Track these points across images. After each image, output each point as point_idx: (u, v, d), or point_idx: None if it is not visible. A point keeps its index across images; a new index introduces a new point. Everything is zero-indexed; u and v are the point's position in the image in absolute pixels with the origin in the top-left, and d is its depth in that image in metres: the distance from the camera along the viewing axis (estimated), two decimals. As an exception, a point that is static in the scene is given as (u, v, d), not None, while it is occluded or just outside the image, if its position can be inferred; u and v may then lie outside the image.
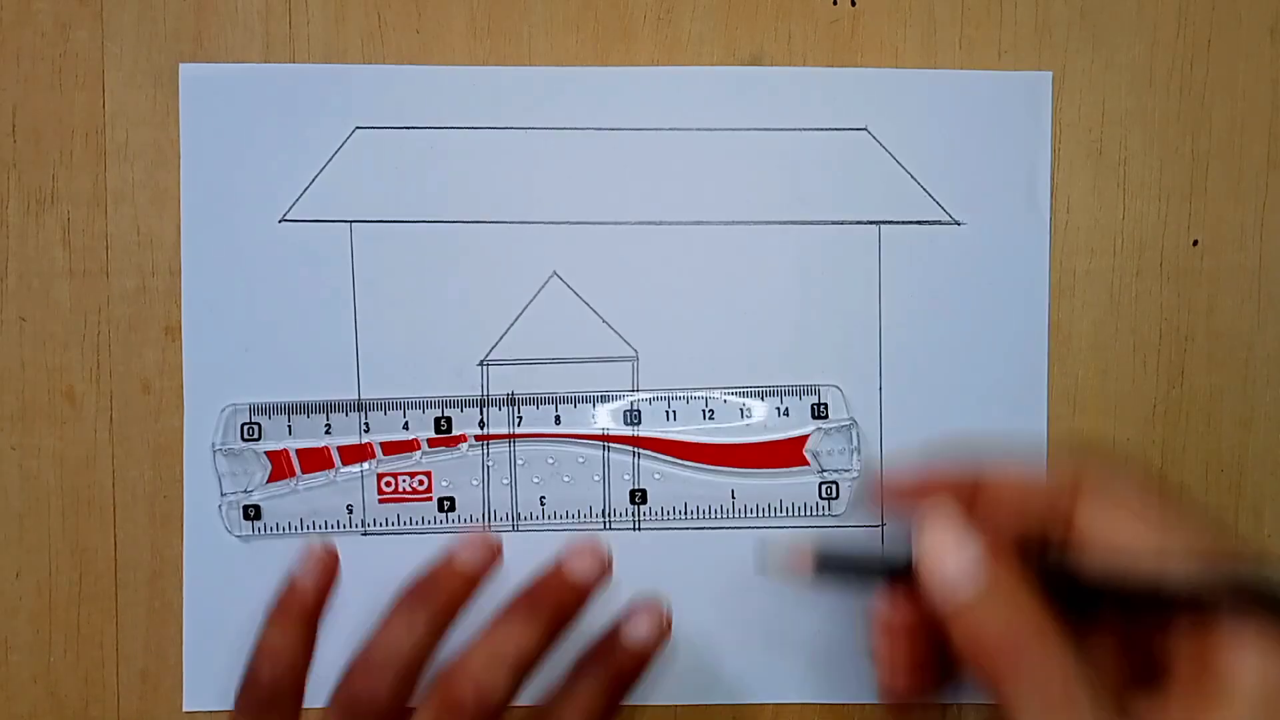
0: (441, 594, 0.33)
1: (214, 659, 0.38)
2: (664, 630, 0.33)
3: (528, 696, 0.32)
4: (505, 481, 0.39)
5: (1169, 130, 0.39)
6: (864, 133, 0.39)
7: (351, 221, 0.38)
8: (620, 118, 0.39)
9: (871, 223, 0.39)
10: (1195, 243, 0.39)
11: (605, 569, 0.33)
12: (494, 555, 0.34)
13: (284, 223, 0.38)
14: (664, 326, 0.39)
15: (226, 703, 0.38)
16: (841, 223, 0.39)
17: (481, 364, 0.39)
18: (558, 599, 0.33)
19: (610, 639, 0.33)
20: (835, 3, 0.39)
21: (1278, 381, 0.39)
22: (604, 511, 0.39)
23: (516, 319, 0.39)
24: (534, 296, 0.39)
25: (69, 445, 0.38)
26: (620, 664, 0.33)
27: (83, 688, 0.39)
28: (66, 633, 0.38)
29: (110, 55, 0.38)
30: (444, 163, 0.38)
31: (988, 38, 0.39)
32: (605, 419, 0.39)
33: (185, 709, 0.38)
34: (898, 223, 0.39)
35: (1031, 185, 0.39)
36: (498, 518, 0.39)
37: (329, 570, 0.34)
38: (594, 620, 0.33)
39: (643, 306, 0.39)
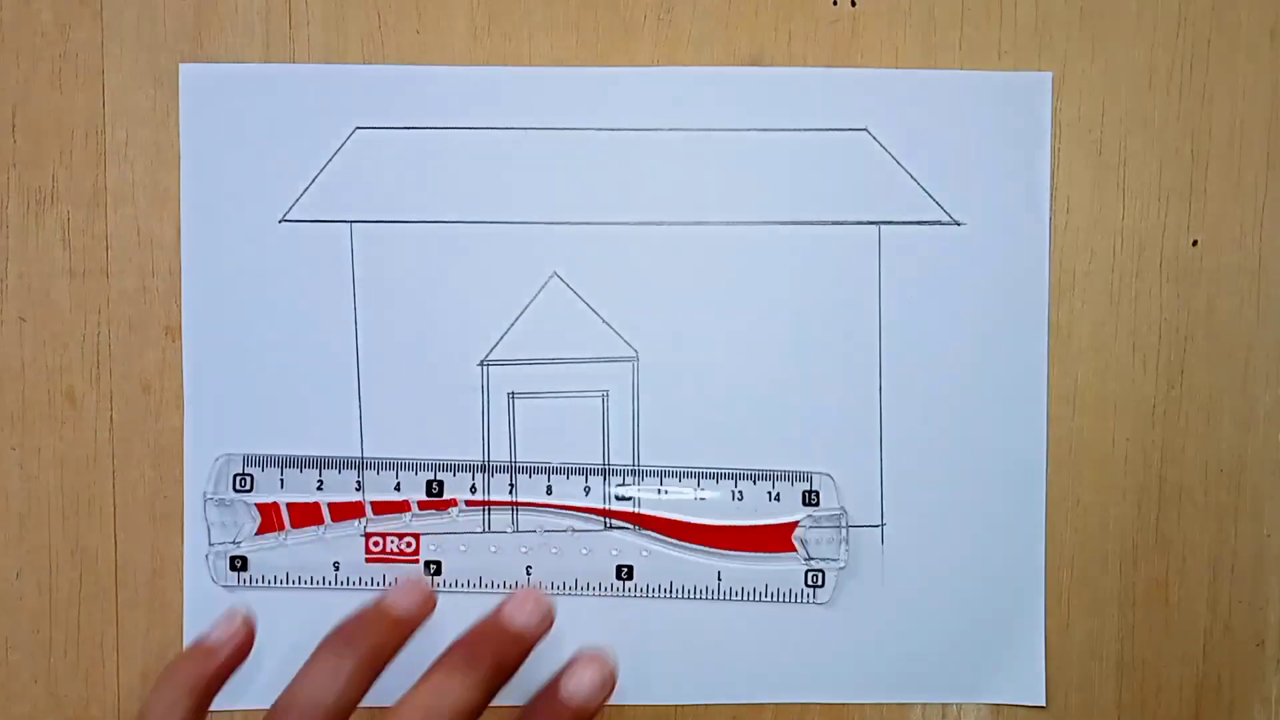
0: (370, 638, 0.32)
1: (214, 659, 0.38)
2: (608, 684, 0.32)
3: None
4: (493, 550, 0.39)
5: (1169, 131, 0.39)
6: (864, 133, 0.39)
7: (352, 222, 0.38)
8: (620, 118, 0.39)
9: (871, 223, 0.39)
10: (1195, 243, 0.39)
11: (547, 619, 0.33)
12: (427, 602, 0.33)
13: (284, 223, 0.38)
14: (664, 326, 0.39)
15: (227, 703, 0.38)
16: (841, 223, 0.39)
17: (482, 364, 0.39)
18: (498, 650, 0.32)
19: (551, 692, 0.32)
20: (835, 3, 0.39)
21: (1277, 381, 0.39)
22: (589, 585, 0.39)
23: (517, 319, 0.39)
24: (534, 296, 0.39)
25: (69, 446, 0.38)
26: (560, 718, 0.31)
27: (83, 688, 0.39)
28: (67, 633, 0.38)
29: (110, 55, 0.38)
30: (444, 163, 0.38)
31: (988, 38, 0.39)
32: (598, 491, 0.39)
33: (186, 709, 0.38)
34: (897, 223, 0.39)
35: (1031, 186, 0.39)
36: (483, 584, 0.38)
37: (243, 646, 0.33)
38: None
39: (643, 306, 0.39)
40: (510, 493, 0.39)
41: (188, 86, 0.38)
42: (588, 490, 0.39)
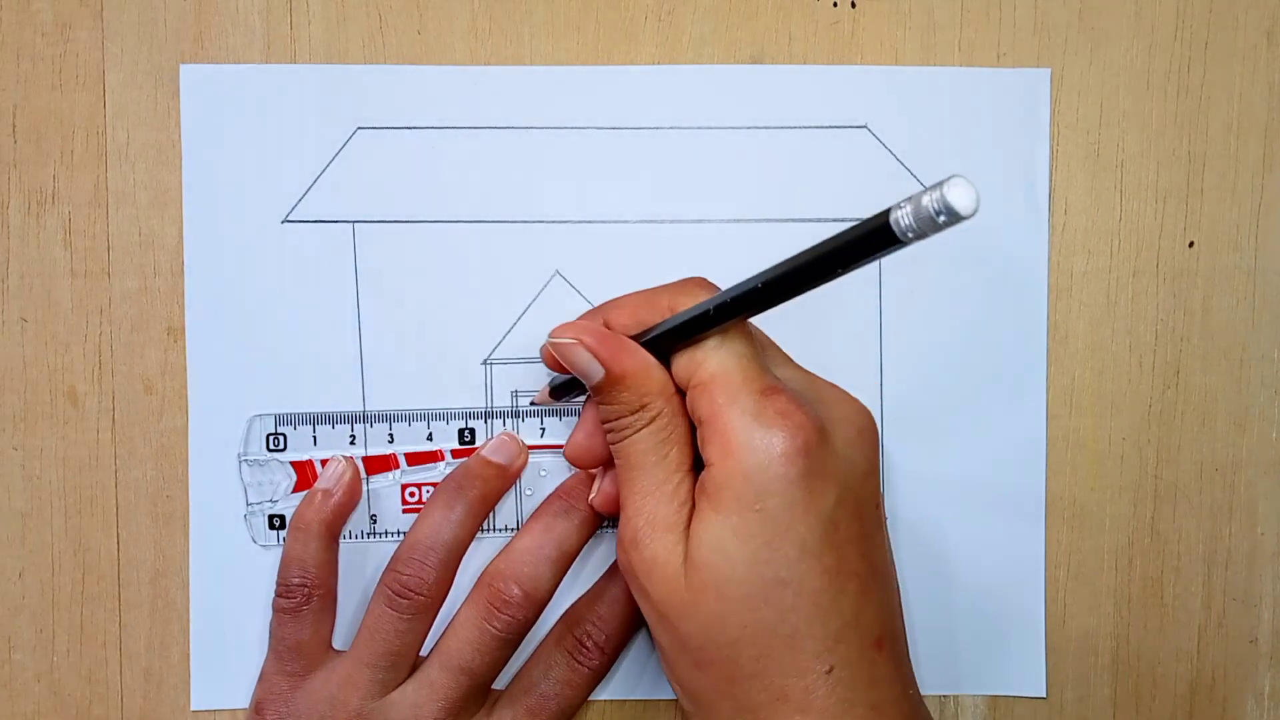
0: (477, 485, 0.37)
1: (221, 658, 0.38)
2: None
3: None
4: (529, 492, 0.39)
5: (1166, 132, 0.39)
6: (864, 130, 0.39)
7: (354, 222, 0.38)
8: (621, 117, 0.39)
9: (871, 221, 0.39)
10: (1191, 244, 0.39)
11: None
12: (522, 453, 0.38)
13: (286, 223, 0.38)
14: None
15: (234, 701, 0.38)
16: (842, 220, 0.39)
17: (485, 363, 0.39)
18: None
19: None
20: (835, 4, 0.39)
21: (1272, 382, 0.40)
22: (612, 522, 0.39)
23: (520, 318, 0.39)
24: (537, 295, 0.39)
25: (71, 446, 0.38)
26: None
27: (86, 687, 0.39)
28: (70, 632, 0.39)
29: (110, 55, 0.38)
30: (446, 163, 0.38)
31: (987, 39, 0.39)
32: None
33: (193, 708, 0.38)
34: (896, 221, 0.39)
35: (1030, 182, 0.39)
36: (519, 528, 0.39)
37: (352, 486, 0.38)
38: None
39: (644, 306, 0.39)
40: (541, 436, 0.39)
41: (188, 86, 0.38)
42: None
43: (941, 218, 0.24)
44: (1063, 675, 0.40)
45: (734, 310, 0.31)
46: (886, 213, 0.25)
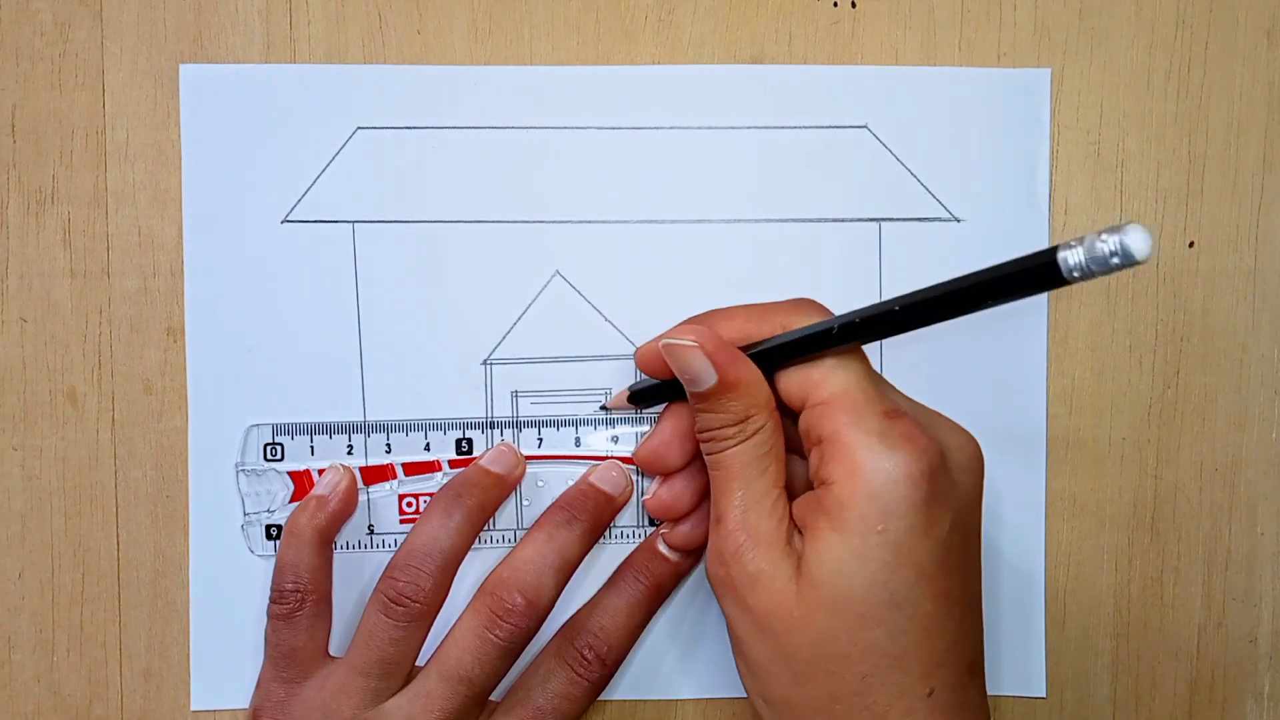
0: (475, 493, 0.37)
1: (221, 659, 0.38)
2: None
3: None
4: (527, 503, 0.39)
5: (1166, 132, 0.39)
6: (864, 130, 0.39)
7: (354, 222, 0.38)
8: (621, 116, 0.39)
9: (872, 219, 0.39)
10: (1191, 244, 0.39)
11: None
12: (520, 464, 0.38)
13: (286, 223, 0.38)
14: (666, 324, 0.38)
15: (234, 701, 0.38)
16: (842, 220, 0.39)
17: (485, 363, 0.39)
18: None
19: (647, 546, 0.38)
20: (835, 4, 0.39)
21: (1271, 382, 0.40)
22: (613, 533, 0.39)
23: (519, 318, 0.39)
24: (537, 295, 0.39)
25: (71, 446, 0.38)
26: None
27: (86, 687, 0.39)
28: (70, 632, 0.39)
29: (110, 55, 0.38)
30: (446, 162, 0.38)
31: (987, 40, 0.39)
32: (627, 440, 0.39)
33: (193, 708, 0.38)
34: (898, 219, 0.39)
35: (1030, 181, 0.39)
36: (518, 539, 0.38)
37: (348, 493, 0.38)
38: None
39: (645, 305, 0.39)
40: (539, 446, 0.39)
41: (188, 86, 0.38)
42: (616, 441, 0.39)
43: (1115, 259, 0.24)
44: (1063, 675, 0.40)
45: (861, 332, 0.31)
46: (1054, 250, 0.25)
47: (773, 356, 0.33)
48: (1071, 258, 0.25)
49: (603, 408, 0.39)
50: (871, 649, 0.31)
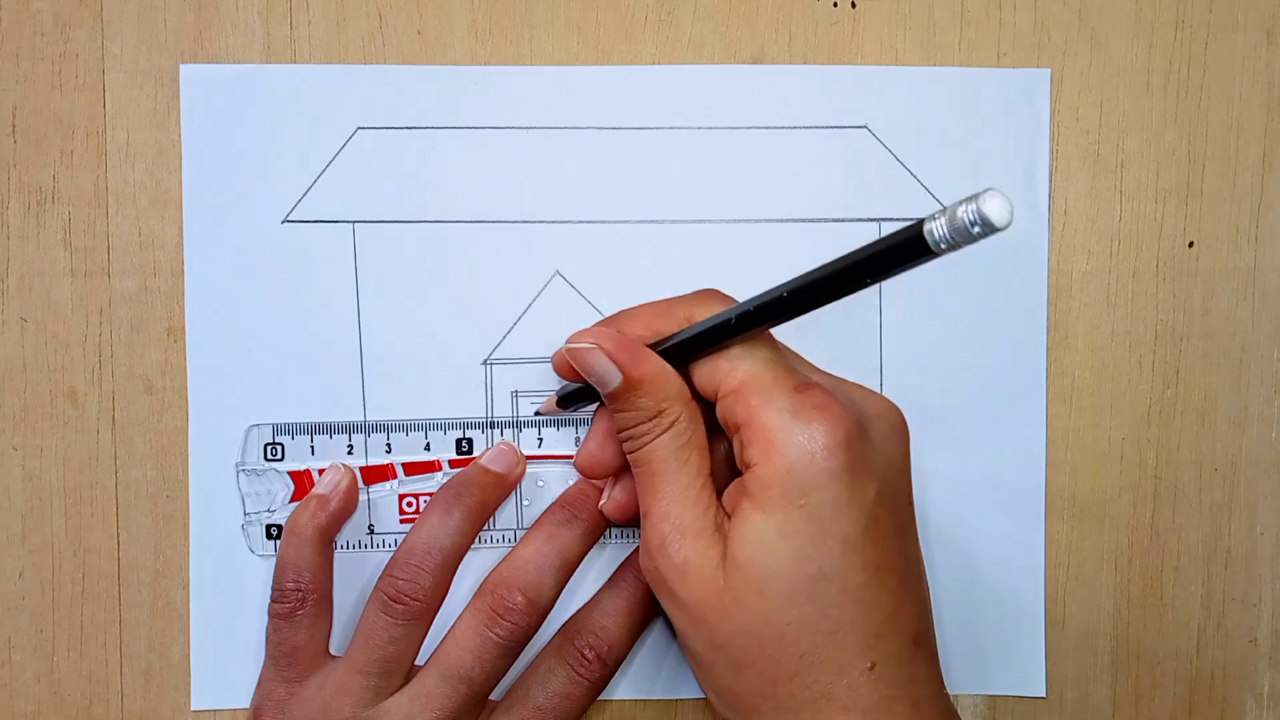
0: (475, 492, 0.37)
1: (221, 658, 0.38)
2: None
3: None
4: (527, 502, 0.39)
5: (1166, 132, 0.39)
6: (864, 130, 0.39)
7: (354, 222, 0.38)
8: (621, 117, 0.39)
9: (872, 220, 0.39)
10: (1191, 244, 0.39)
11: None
12: (520, 462, 0.38)
13: (286, 223, 0.38)
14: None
15: (235, 700, 0.38)
16: (842, 220, 0.39)
17: (485, 363, 0.39)
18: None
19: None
20: (835, 4, 0.39)
21: (1271, 382, 0.40)
22: (613, 532, 0.39)
23: (520, 318, 0.39)
24: (537, 295, 0.39)
25: (71, 445, 0.38)
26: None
27: (86, 687, 0.39)
28: (70, 632, 0.39)
29: (110, 55, 0.38)
30: (446, 163, 0.38)
31: (987, 40, 0.39)
32: None
33: (193, 708, 0.38)
34: (898, 220, 0.39)
35: (1030, 182, 0.39)
36: (518, 538, 0.38)
37: (349, 493, 0.38)
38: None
39: (645, 305, 0.39)
40: (539, 446, 0.39)
41: (188, 87, 0.38)
42: None
43: (976, 229, 0.24)
44: (1062, 675, 0.40)
45: (757, 319, 0.31)
46: (920, 223, 0.25)
47: (681, 350, 0.33)
48: (936, 229, 0.25)
49: (537, 413, 0.39)
50: (805, 626, 0.30)
